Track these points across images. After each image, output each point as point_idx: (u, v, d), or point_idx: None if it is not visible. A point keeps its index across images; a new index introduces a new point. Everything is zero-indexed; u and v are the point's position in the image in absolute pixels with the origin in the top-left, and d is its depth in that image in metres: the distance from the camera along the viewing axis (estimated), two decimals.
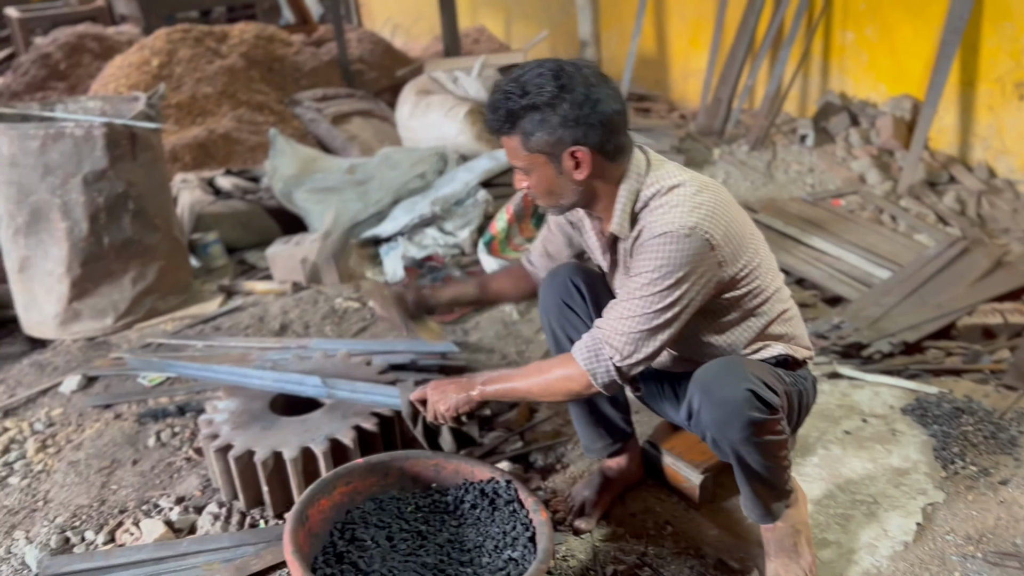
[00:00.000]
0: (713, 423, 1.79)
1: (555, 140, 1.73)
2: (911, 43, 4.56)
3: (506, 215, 3.57)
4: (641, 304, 1.75)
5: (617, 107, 1.75)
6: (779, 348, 1.95)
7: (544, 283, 2.18)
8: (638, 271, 1.76)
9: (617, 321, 1.78)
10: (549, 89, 1.70)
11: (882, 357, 2.98)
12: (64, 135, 3.17)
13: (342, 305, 3.47)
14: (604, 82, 1.75)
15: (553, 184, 1.81)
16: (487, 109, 1.80)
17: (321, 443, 2.29)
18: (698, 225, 1.71)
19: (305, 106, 5.56)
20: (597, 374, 1.80)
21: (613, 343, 1.78)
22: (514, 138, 1.78)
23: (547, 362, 1.91)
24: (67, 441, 2.78)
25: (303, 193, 4.04)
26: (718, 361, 1.83)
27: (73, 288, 3.33)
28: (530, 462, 2.58)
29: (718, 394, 1.76)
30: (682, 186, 1.78)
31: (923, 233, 3.95)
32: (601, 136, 1.73)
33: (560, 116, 1.70)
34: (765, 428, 1.77)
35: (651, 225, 1.75)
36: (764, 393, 1.75)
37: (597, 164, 1.77)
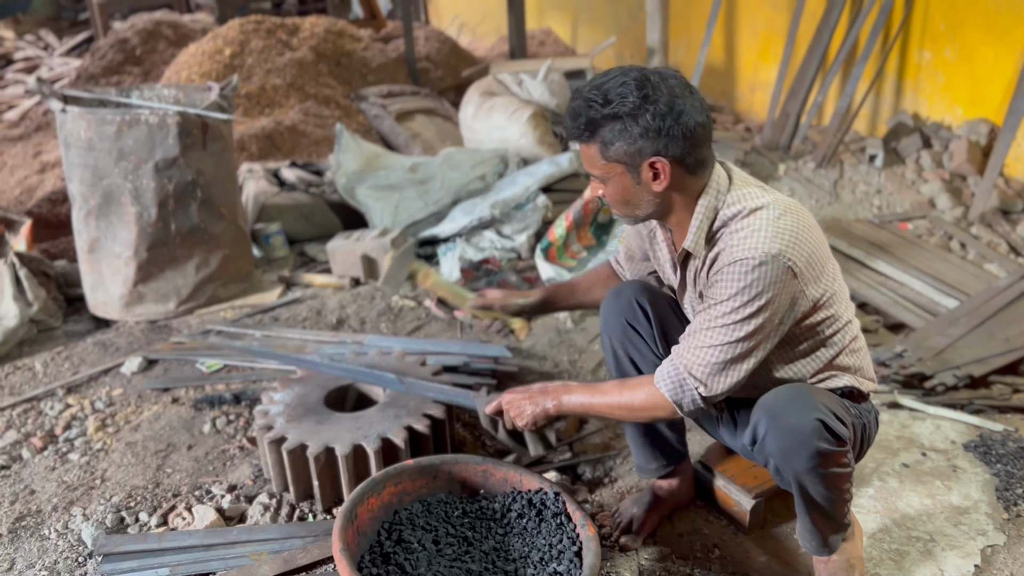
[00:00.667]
0: (779, 451, 1.75)
1: (635, 150, 1.69)
2: (992, 66, 4.42)
3: (565, 222, 3.56)
4: (722, 333, 1.71)
5: (701, 119, 1.70)
6: (846, 379, 1.90)
7: (607, 301, 2.15)
8: (717, 298, 1.73)
9: (697, 350, 1.75)
10: (632, 99, 1.66)
11: (945, 390, 2.89)
12: (139, 122, 3.24)
13: (398, 303, 3.49)
14: (689, 93, 1.70)
15: (630, 194, 1.78)
16: (567, 115, 1.77)
17: (373, 441, 2.30)
18: (781, 252, 1.66)
19: (370, 102, 5.61)
20: (683, 404, 1.78)
21: (696, 373, 1.75)
22: (593, 146, 1.75)
23: (629, 383, 1.88)
24: (126, 422, 2.85)
25: (365, 189, 4.08)
26: (787, 388, 1.80)
27: (139, 271, 3.41)
28: (578, 474, 2.57)
29: (786, 422, 1.73)
30: (765, 209, 1.74)
31: (994, 263, 3.82)
32: (683, 148, 1.69)
33: (642, 127, 1.67)
34: (832, 460, 1.74)
35: (731, 249, 1.71)
36: (833, 424, 1.72)
37: (676, 176, 1.73)
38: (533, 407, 1.96)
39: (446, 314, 3.34)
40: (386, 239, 3.64)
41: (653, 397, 1.81)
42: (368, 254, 3.65)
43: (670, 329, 2.11)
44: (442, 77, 6.26)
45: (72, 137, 3.29)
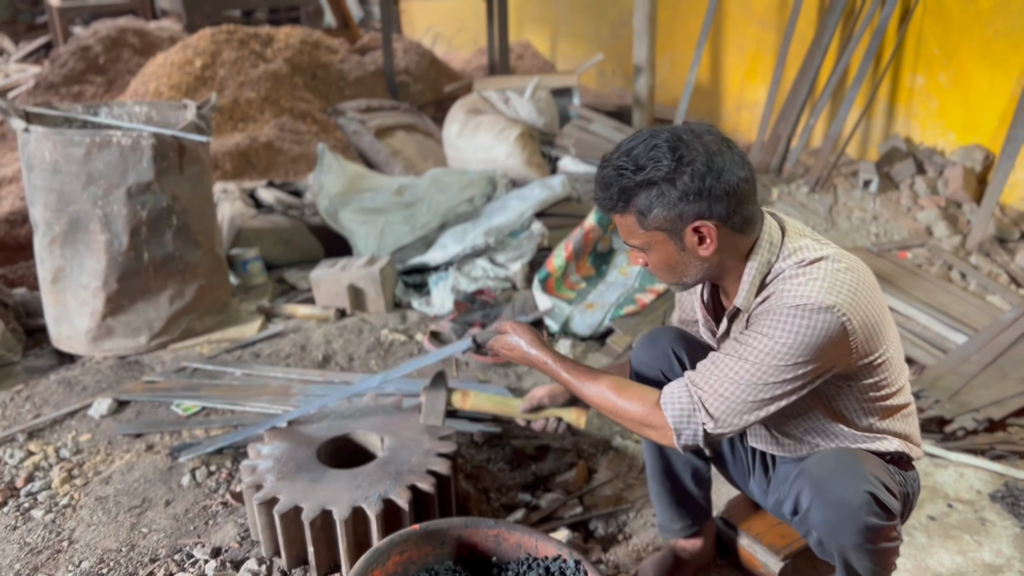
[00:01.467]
0: (825, 525, 1.62)
1: (675, 215, 1.58)
2: (987, 93, 4.36)
3: (564, 252, 3.39)
4: (754, 371, 1.59)
5: (743, 174, 1.59)
6: (895, 444, 1.78)
7: (641, 349, 2.01)
8: (759, 333, 1.60)
9: (720, 382, 1.62)
10: (666, 162, 1.55)
11: (965, 434, 2.79)
12: (111, 143, 3.01)
13: (388, 337, 3.30)
14: (727, 148, 1.60)
15: (675, 261, 1.66)
16: (597, 185, 1.65)
17: (375, 503, 2.11)
18: (837, 305, 1.55)
19: (348, 117, 5.40)
20: (682, 435, 1.66)
21: (711, 407, 1.63)
22: (629, 216, 1.63)
23: (629, 389, 1.75)
24: (95, 472, 2.61)
25: (349, 213, 3.87)
26: (834, 454, 1.67)
27: (108, 303, 3.17)
28: (590, 530, 2.41)
29: (833, 494, 1.60)
30: (827, 260, 1.62)
31: (996, 295, 3.74)
32: (727, 207, 1.58)
33: (680, 190, 1.56)
34: (881, 535, 1.62)
35: (784, 293, 1.59)
36: (884, 497, 1.60)
37: (724, 238, 1.62)
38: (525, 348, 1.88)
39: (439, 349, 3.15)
40: (374, 268, 3.44)
41: (651, 416, 1.68)
42: (355, 284, 3.45)
43: None
44: (422, 91, 6.08)
45: (35, 159, 3.04)
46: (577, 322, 3.21)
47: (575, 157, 4.81)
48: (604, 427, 2.83)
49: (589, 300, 3.33)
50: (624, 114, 5.83)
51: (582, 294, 3.39)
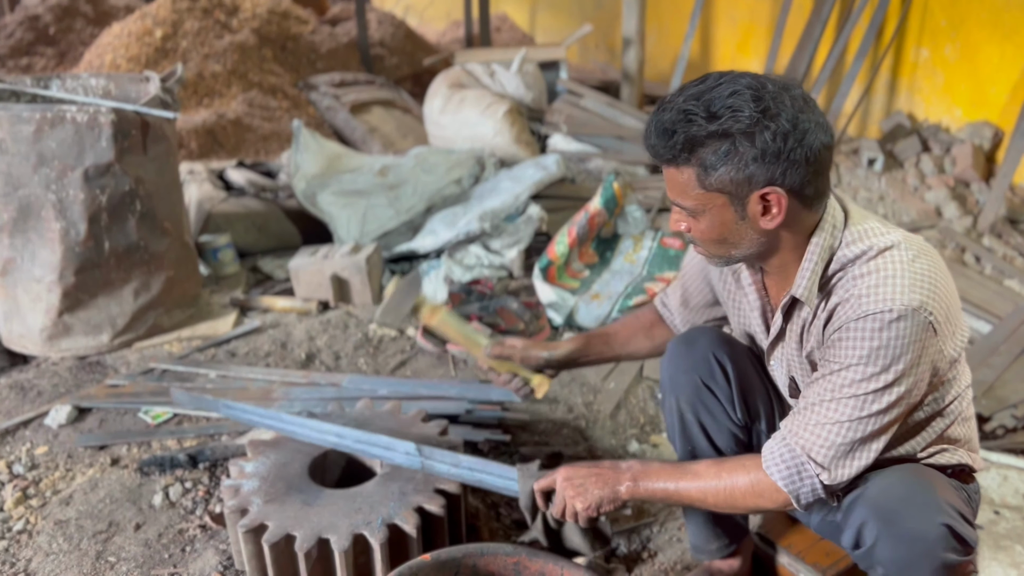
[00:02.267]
0: (895, 563, 1.41)
1: (744, 178, 1.35)
2: (996, 67, 4.17)
3: (567, 238, 3.13)
4: (851, 407, 1.39)
5: (826, 139, 1.36)
6: (960, 455, 1.59)
7: (675, 353, 1.77)
8: (842, 362, 1.39)
9: (818, 428, 1.42)
10: (747, 114, 1.31)
11: (1005, 432, 2.60)
12: (64, 120, 2.69)
13: (377, 333, 3.02)
14: (812, 107, 1.36)
15: (729, 231, 1.43)
16: (653, 131, 1.39)
17: (378, 530, 1.85)
18: (923, 305, 1.35)
19: (321, 91, 5.08)
20: (800, 495, 1.45)
21: (818, 457, 1.42)
22: (688, 170, 1.38)
23: (727, 465, 1.53)
24: (54, 492, 2.32)
25: (328, 196, 3.57)
26: (899, 477, 1.46)
27: (65, 298, 2.85)
28: (612, 548, 2.17)
29: (905, 527, 1.39)
30: (896, 249, 1.41)
31: (1014, 279, 3.57)
32: (803, 176, 1.35)
33: (759, 148, 1.32)
34: (958, 571, 1.41)
35: (857, 300, 1.38)
36: (961, 528, 1.39)
37: (791, 210, 1.39)
38: (601, 489, 1.58)
39: (435, 347, 2.89)
40: (360, 256, 3.16)
41: (760, 485, 1.47)
42: (339, 274, 3.16)
43: (752, 392, 1.78)
44: (398, 65, 5.76)
45: None
46: (583, 314, 2.96)
47: (566, 135, 4.55)
48: (619, 431, 2.60)
49: (594, 290, 3.08)
50: (609, 90, 5.56)
51: (586, 283, 3.14)
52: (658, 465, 1.59)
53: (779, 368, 1.66)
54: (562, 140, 4.55)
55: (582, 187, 3.97)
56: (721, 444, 1.76)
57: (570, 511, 1.62)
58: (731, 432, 1.75)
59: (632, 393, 2.74)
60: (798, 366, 1.59)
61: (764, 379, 1.78)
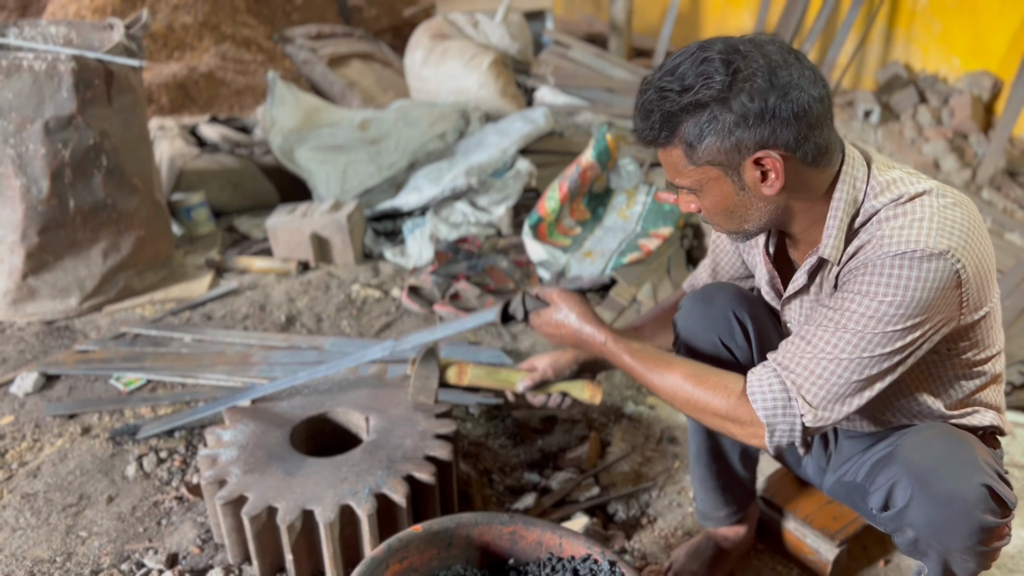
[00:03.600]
0: (930, 525, 1.32)
1: (731, 145, 1.27)
2: (997, 13, 4.04)
3: (558, 194, 3.00)
4: (857, 342, 1.29)
5: (816, 92, 1.26)
6: (989, 417, 1.50)
7: (692, 311, 1.66)
8: (858, 293, 1.29)
9: (817, 362, 1.32)
10: (719, 78, 1.24)
11: (1012, 389, 2.53)
12: (20, 69, 2.52)
13: (360, 293, 2.89)
14: (795, 60, 1.26)
15: (733, 204, 1.34)
16: (636, 115, 1.32)
17: (365, 500, 1.75)
18: (951, 250, 1.25)
19: (297, 44, 4.88)
20: (776, 431, 1.35)
21: (808, 394, 1.33)
22: (674, 150, 1.32)
23: (710, 376, 1.43)
24: (20, 464, 2.20)
25: (306, 151, 3.41)
26: (937, 436, 1.37)
27: (28, 260, 2.71)
28: (609, 514, 2.09)
29: (942, 487, 1.30)
30: (929, 195, 1.31)
31: (1015, 232, 3.49)
32: (795, 133, 1.25)
33: (737, 112, 1.24)
34: (995, 534, 1.33)
35: (884, 239, 1.28)
36: (1001, 489, 1.31)
37: (793, 172, 1.29)
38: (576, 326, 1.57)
39: (421, 307, 2.77)
40: (340, 214, 3.01)
41: (737, 410, 1.38)
42: (319, 232, 3.02)
43: None
44: (377, 16, 5.55)
45: None
46: (575, 272, 2.84)
47: (554, 87, 4.39)
48: (614, 392, 2.50)
49: (587, 247, 2.95)
50: (596, 42, 5.39)
51: (578, 240, 3.01)
52: (638, 347, 1.51)
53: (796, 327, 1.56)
54: (549, 93, 4.40)
55: (571, 141, 3.83)
56: None
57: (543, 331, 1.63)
58: None
59: None
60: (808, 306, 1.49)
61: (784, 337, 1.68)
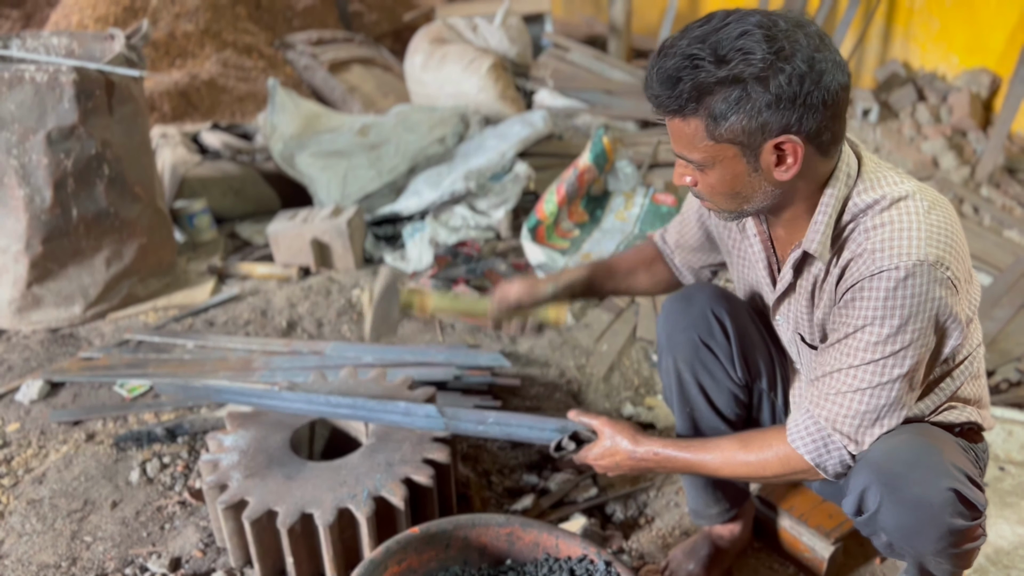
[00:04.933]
0: (899, 529, 1.35)
1: (757, 126, 1.24)
2: (995, 11, 4.05)
3: (556, 196, 3.02)
4: (871, 372, 1.32)
5: (843, 80, 1.25)
6: (968, 412, 1.53)
7: (672, 311, 1.68)
8: (856, 323, 1.32)
9: (840, 397, 1.35)
10: (760, 56, 1.19)
11: (1009, 386, 2.54)
12: (23, 80, 2.55)
13: (360, 298, 2.92)
14: (828, 45, 1.25)
15: (742, 184, 1.33)
16: (655, 80, 1.26)
17: (364, 503, 1.77)
18: (940, 259, 1.27)
19: (298, 50, 4.91)
20: (827, 467, 1.40)
21: (844, 428, 1.36)
22: (695, 120, 1.27)
23: (753, 441, 1.47)
24: (26, 470, 2.23)
25: (307, 157, 3.44)
26: (904, 441, 1.37)
27: (33, 269, 2.74)
28: (607, 514, 2.11)
29: (909, 493, 1.31)
30: (910, 199, 1.32)
31: (1013, 229, 3.49)
32: (820, 121, 1.24)
33: (773, 94, 1.21)
34: (966, 536, 1.34)
35: (871, 255, 1.29)
36: (969, 492, 1.32)
37: (807, 159, 1.29)
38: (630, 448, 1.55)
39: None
40: (341, 219, 3.04)
41: (789, 460, 1.42)
42: (319, 238, 3.05)
43: (752, 350, 1.69)
44: (377, 21, 5.58)
45: None
46: None
47: (553, 90, 4.41)
48: (612, 394, 2.52)
49: (585, 250, 2.97)
50: (596, 44, 5.41)
51: (576, 243, 3.03)
52: (682, 443, 1.53)
53: (785, 324, 1.58)
54: (548, 95, 4.42)
55: (570, 143, 3.85)
56: (720, 404, 1.69)
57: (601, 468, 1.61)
58: (731, 392, 1.68)
59: (625, 355, 2.65)
60: (807, 325, 1.50)
61: (764, 335, 1.70)
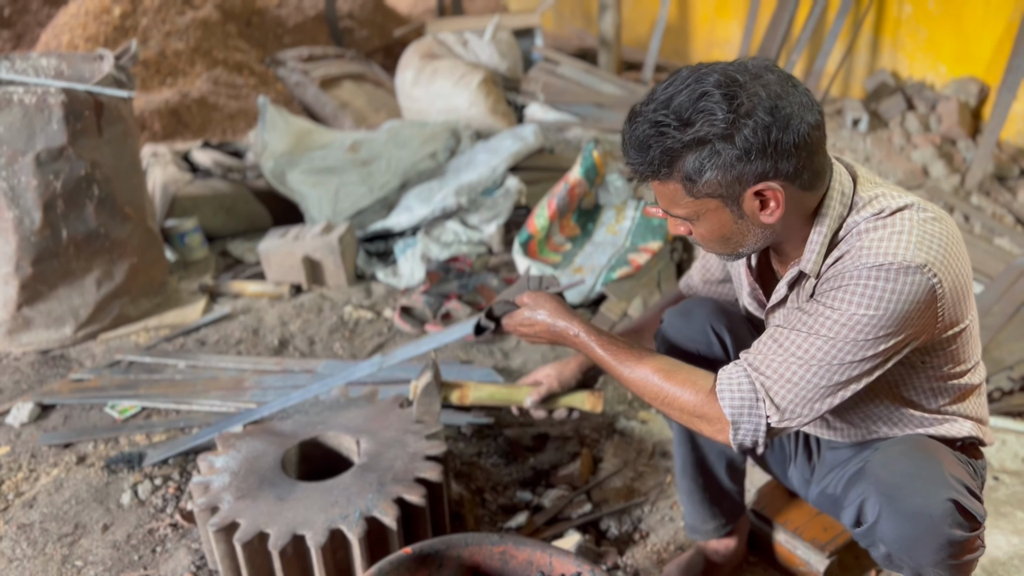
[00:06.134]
0: (899, 541, 1.34)
1: (732, 179, 1.27)
2: (982, 20, 4.07)
3: (547, 211, 3.02)
4: (828, 348, 1.31)
5: (812, 119, 1.26)
6: (967, 428, 1.51)
7: (671, 324, 1.70)
8: (833, 301, 1.31)
9: (787, 365, 1.34)
10: (721, 116, 1.22)
11: (1001, 395, 2.53)
12: (11, 103, 2.55)
13: (352, 315, 2.91)
14: (791, 87, 1.26)
15: (731, 231, 1.35)
16: (629, 147, 1.30)
17: (356, 523, 1.76)
18: (929, 264, 1.26)
19: (289, 67, 4.92)
20: (740, 429, 1.37)
21: (776, 396, 1.34)
22: (671, 184, 1.31)
23: (681, 371, 1.46)
24: (16, 494, 2.21)
25: (298, 174, 3.44)
26: (904, 452, 1.38)
27: (23, 291, 2.73)
28: (602, 530, 2.11)
29: (909, 504, 1.31)
30: (911, 209, 1.32)
31: (1004, 237, 3.50)
32: (795, 163, 1.26)
33: (740, 148, 1.24)
34: (965, 547, 1.34)
35: (862, 250, 1.30)
36: (968, 503, 1.32)
37: (791, 198, 1.30)
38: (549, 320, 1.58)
39: (413, 327, 2.79)
40: (332, 236, 3.04)
41: (704, 406, 1.40)
42: (311, 255, 3.04)
43: None
44: (368, 37, 5.59)
45: None
46: None
47: (544, 104, 4.43)
48: (605, 408, 2.51)
49: (577, 263, 2.98)
50: (587, 57, 5.43)
51: (568, 256, 3.03)
52: (609, 337, 1.53)
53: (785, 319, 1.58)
54: (539, 109, 4.43)
55: (561, 157, 3.86)
56: None
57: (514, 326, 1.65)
58: None
59: None
60: None
61: None
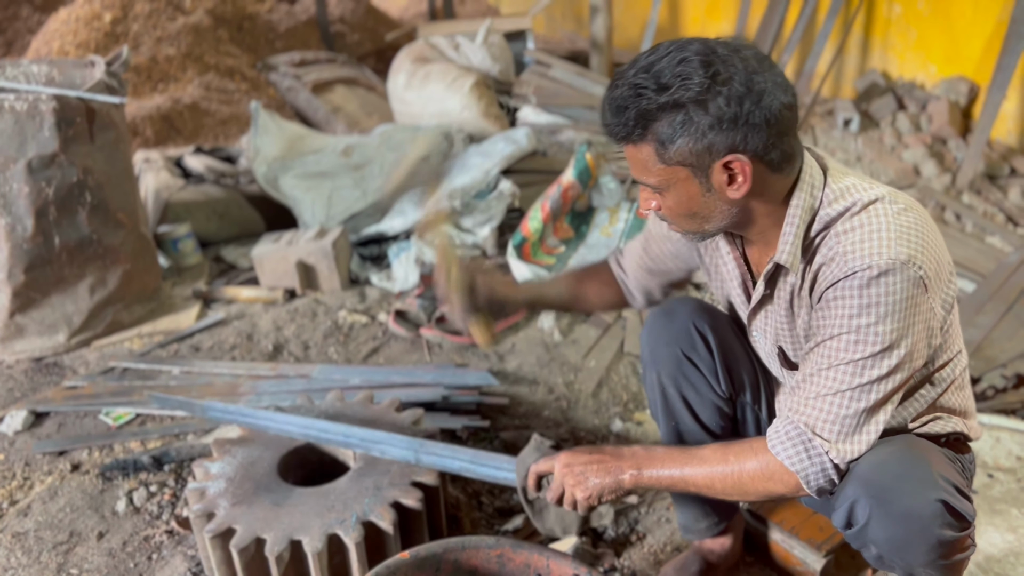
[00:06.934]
0: (889, 542, 1.34)
1: (703, 147, 1.27)
2: (971, 20, 4.09)
3: (541, 214, 3.02)
4: (849, 373, 1.31)
5: (786, 99, 1.28)
6: (953, 423, 1.52)
7: (655, 325, 1.69)
8: (832, 327, 1.32)
9: (819, 400, 1.33)
10: (697, 80, 1.24)
11: (995, 393, 2.55)
12: (2, 109, 2.55)
13: (347, 319, 2.91)
14: (768, 67, 1.28)
15: (697, 205, 1.35)
16: (606, 108, 1.32)
17: (353, 528, 1.76)
18: (911, 259, 1.26)
19: (281, 72, 4.91)
20: (810, 476, 1.34)
21: (823, 432, 1.33)
22: (645, 147, 1.31)
23: (734, 447, 1.43)
24: (10, 502, 2.20)
25: (291, 179, 3.44)
26: (892, 453, 1.36)
27: (15, 298, 2.72)
28: (599, 532, 2.10)
29: (898, 506, 1.31)
30: (881, 202, 1.33)
31: (995, 235, 3.52)
32: (765, 139, 1.27)
33: (713, 115, 1.25)
34: (955, 547, 1.34)
35: (842, 258, 1.30)
36: (958, 503, 1.31)
37: (758, 177, 1.31)
38: (602, 478, 1.47)
39: (408, 331, 2.79)
40: (325, 241, 3.04)
41: (768, 467, 1.37)
42: (304, 260, 3.04)
43: (735, 363, 1.69)
44: (360, 42, 5.59)
45: None
46: None
47: (536, 106, 4.43)
48: (601, 410, 2.51)
49: (571, 266, 2.98)
50: (578, 60, 5.44)
51: (562, 259, 3.04)
52: (662, 451, 1.48)
53: (762, 339, 1.58)
54: (532, 112, 4.44)
55: (554, 160, 3.86)
56: (705, 418, 1.69)
57: (568, 499, 1.52)
58: (715, 405, 1.68)
59: (613, 370, 2.65)
60: (788, 337, 1.50)
61: (748, 349, 1.70)
